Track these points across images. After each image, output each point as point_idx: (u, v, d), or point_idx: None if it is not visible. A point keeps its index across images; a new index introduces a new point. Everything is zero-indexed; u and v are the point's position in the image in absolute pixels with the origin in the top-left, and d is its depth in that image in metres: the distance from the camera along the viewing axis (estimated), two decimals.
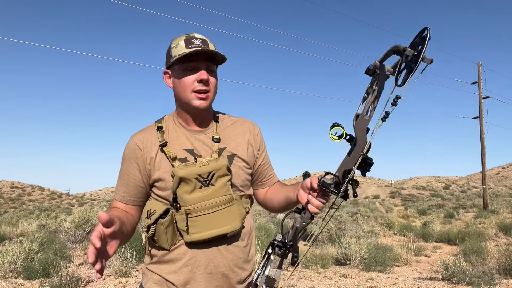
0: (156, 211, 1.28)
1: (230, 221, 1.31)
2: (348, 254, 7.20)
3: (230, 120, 1.50)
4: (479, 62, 24.25)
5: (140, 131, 1.42)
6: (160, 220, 1.27)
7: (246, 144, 1.45)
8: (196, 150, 1.37)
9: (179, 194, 1.28)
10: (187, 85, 1.34)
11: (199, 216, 1.28)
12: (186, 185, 1.28)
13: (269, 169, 1.57)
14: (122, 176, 1.41)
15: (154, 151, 1.36)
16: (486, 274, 5.59)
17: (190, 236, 1.28)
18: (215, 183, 1.30)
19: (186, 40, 1.32)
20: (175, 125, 1.42)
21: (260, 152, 1.51)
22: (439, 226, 13.65)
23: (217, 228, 1.29)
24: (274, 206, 1.50)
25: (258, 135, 1.51)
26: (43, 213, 26.25)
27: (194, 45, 1.31)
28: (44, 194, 63.28)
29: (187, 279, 1.31)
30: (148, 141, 1.38)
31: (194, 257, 1.31)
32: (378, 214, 19.52)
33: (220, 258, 1.33)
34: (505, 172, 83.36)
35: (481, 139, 22.97)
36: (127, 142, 1.41)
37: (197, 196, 1.28)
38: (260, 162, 1.51)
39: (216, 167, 1.30)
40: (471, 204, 26.99)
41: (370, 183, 76.73)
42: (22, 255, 6.20)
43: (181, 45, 1.32)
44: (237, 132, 1.47)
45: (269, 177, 1.56)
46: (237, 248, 1.37)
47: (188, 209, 1.27)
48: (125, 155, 1.40)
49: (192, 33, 1.37)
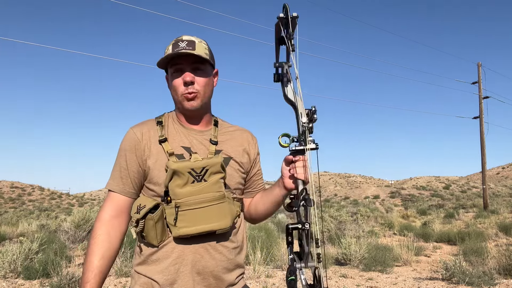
0: (146, 205, 1.28)
1: (220, 218, 1.30)
2: (348, 254, 7.20)
3: (229, 127, 1.53)
4: (479, 62, 24.27)
5: (139, 124, 1.43)
6: (149, 215, 1.27)
7: (242, 152, 1.47)
8: (193, 148, 1.38)
9: (171, 188, 1.28)
10: (176, 88, 1.37)
11: (189, 210, 1.27)
12: (179, 179, 1.28)
13: (260, 180, 1.59)
14: (119, 168, 1.39)
15: (152, 143, 1.37)
16: (486, 274, 5.59)
17: (179, 230, 1.27)
18: (208, 179, 1.30)
19: (174, 44, 1.36)
20: (174, 122, 1.44)
21: (255, 163, 1.54)
22: (439, 226, 13.67)
23: (206, 224, 1.28)
24: (259, 212, 1.51)
25: (255, 146, 1.54)
26: (43, 213, 26.25)
27: (179, 48, 1.33)
28: (44, 194, 63.28)
29: (174, 278, 1.30)
30: (147, 133, 1.38)
31: (182, 255, 1.30)
32: (378, 214, 19.52)
33: (208, 258, 1.32)
34: (505, 172, 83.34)
35: (481, 139, 22.98)
36: (126, 133, 1.41)
37: (188, 190, 1.28)
38: (254, 171, 1.53)
39: (209, 163, 1.31)
40: (471, 204, 27.01)
41: (370, 183, 76.77)
42: (22, 255, 6.20)
43: (169, 49, 1.36)
44: (235, 139, 1.49)
45: (258, 187, 1.57)
46: (225, 249, 1.35)
47: (178, 202, 1.27)
48: (124, 146, 1.39)
49: (181, 36, 1.39)
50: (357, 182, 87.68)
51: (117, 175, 1.39)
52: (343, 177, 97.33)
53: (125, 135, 1.41)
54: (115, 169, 1.40)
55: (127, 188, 1.38)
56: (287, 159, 1.32)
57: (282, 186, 1.38)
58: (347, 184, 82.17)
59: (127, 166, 1.37)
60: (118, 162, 1.40)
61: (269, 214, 1.53)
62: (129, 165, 1.37)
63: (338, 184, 78.13)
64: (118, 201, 1.38)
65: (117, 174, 1.39)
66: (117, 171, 1.39)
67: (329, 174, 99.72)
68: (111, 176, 1.41)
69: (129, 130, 1.42)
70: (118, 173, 1.39)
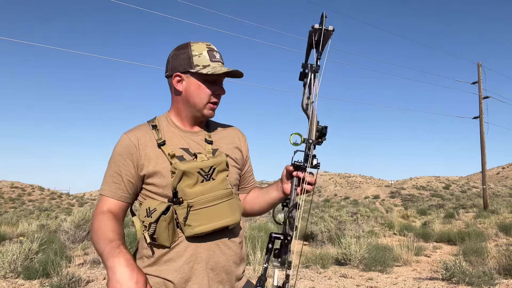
0: (156, 208, 1.28)
1: (232, 213, 1.35)
2: (348, 254, 7.20)
3: (220, 126, 1.58)
4: (479, 62, 24.26)
5: (133, 129, 1.42)
6: (162, 217, 1.27)
7: (235, 149, 1.53)
8: (191, 149, 1.41)
9: (181, 188, 1.30)
10: (204, 96, 1.41)
11: (202, 208, 1.30)
12: (188, 179, 1.30)
13: (252, 176, 1.65)
14: (112, 173, 1.38)
15: (149, 147, 1.37)
16: (486, 274, 5.59)
17: (193, 229, 1.29)
18: (215, 177, 1.35)
19: (209, 52, 1.39)
20: (168, 125, 1.45)
21: (246, 159, 1.60)
22: (439, 226, 13.65)
23: (219, 220, 1.32)
24: (254, 209, 1.58)
25: (245, 142, 1.60)
26: (43, 213, 26.24)
27: (216, 59, 1.39)
28: (44, 194, 63.29)
29: (189, 275, 1.31)
30: (142, 137, 1.38)
31: (195, 253, 1.32)
32: (378, 214, 19.51)
33: (219, 254, 1.36)
34: (505, 172, 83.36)
35: (481, 139, 22.98)
36: (120, 139, 1.40)
37: (199, 190, 1.31)
38: (246, 168, 1.60)
39: (216, 162, 1.35)
40: (471, 204, 27.00)
41: (370, 183, 76.79)
42: (22, 255, 6.19)
43: (204, 56, 1.38)
44: (227, 137, 1.54)
45: (251, 183, 1.64)
46: (233, 244, 1.41)
47: (190, 202, 1.29)
48: (118, 151, 1.38)
49: (208, 42, 1.44)
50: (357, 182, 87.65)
51: (110, 180, 1.39)
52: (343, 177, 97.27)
53: (119, 140, 1.40)
54: (109, 175, 1.39)
55: (120, 192, 1.38)
56: (288, 168, 1.37)
57: (280, 190, 1.45)
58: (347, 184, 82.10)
59: (121, 171, 1.37)
60: (111, 168, 1.39)
61: (263, 213, 1.61)
62: (123, 170, 1.37)
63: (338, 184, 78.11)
64: (110, 205, 1.38)
65: (110, 179, 1.39)
66: (110, 176, 1.39)
67: (329, 174, 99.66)
68: (103, 181, 1.40)
69: (123, 136, 1.41)
70: (111, 178, 1.38)
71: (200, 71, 1.37)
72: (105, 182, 1.39)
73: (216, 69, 1.37)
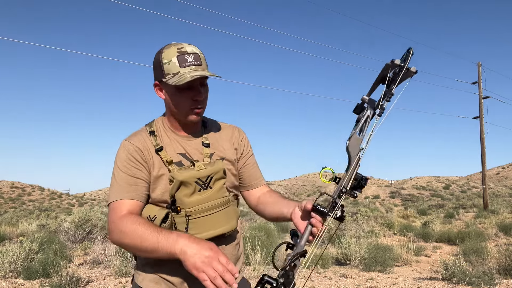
0: (157, 215, 1.28)
1: (228, 221, 1.38)
2: (348, 254, 7.20)
3: (218, 126, 1.55)
4: (479, 62, 24.26)
5: (133, 135, 1.41)
6: (162, 225, 1.27)
7: (232, 149, 1.51)
8: (188, 154, 1.40)
9: (179, 197, 1.31)
10: (183, 103, 1.35)
11: (200, 217, 1.32)
12: (186, 189, 1.31)
13: (255, 170, 1.60)
14: (125, 177, 1.32)
15: (150, 154, 1.37)
16: (486, 274, 5.59)
17: None
18: (213, 186, 1.35)
19: (179, 57, 1.30)
20: (165, 130, 1.44)
21: (243, 156, 1.56)
22: (439, 226, 13.65)
23: (216, 229, 1.35)
24: (265, 215, 1.55)
25: (242, 140, 1.57)
26: (43, 213, 26.23)
27: (187, 64, 1.30)
28: (44, 194, 63.27)
29: (186, 276, 1.32)
30: (144, 143, 1.38)
31: None
32: (378, 214, 19.50)
33: None
34: (505, 172, 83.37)
35: (481, 139, 22.98)
36: (123, 146, 1.36)
37: (197, 199, 1.32)
38: (243, 163, 1.55)
39: (214, 171, 1.35)
40: (471, 204, 27.00)
41: (370, 183, 76.70)
42: (22, 255, 6.19)
43: (174, 63, 1.30)
44: (224, 137, 1.52)
45: (256, 179, 1.59)
46: (230, 246, 1.45)
47: (188, 211, 1.31)
48: (125, 157, 1.34)
49: (181, 44, 1.34)
50: None
51: (123, 184, 1.31)
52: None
53: (122, 147, 1.36)
54: (120, 179, 1.32)
55: (139, 193, 1.33)
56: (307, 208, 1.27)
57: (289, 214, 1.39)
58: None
59: (135, 173, 1.33)
60: (121, 173, 1.33)
61: (271, 221, 1.59)
62: (137, 172, 1.33)
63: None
64: (129, 207, 1.30)
65: (123, 183, 1.31)
66: (122, 180, 1.32)
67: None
68: (115, 189, 1.32)
69: (124, 142, 1.37)
70: (124, 181, 1.32)
71: (168, 81, 1.30)
72: (119, 188, 1.31)
73: (183, 76, 1.27)
